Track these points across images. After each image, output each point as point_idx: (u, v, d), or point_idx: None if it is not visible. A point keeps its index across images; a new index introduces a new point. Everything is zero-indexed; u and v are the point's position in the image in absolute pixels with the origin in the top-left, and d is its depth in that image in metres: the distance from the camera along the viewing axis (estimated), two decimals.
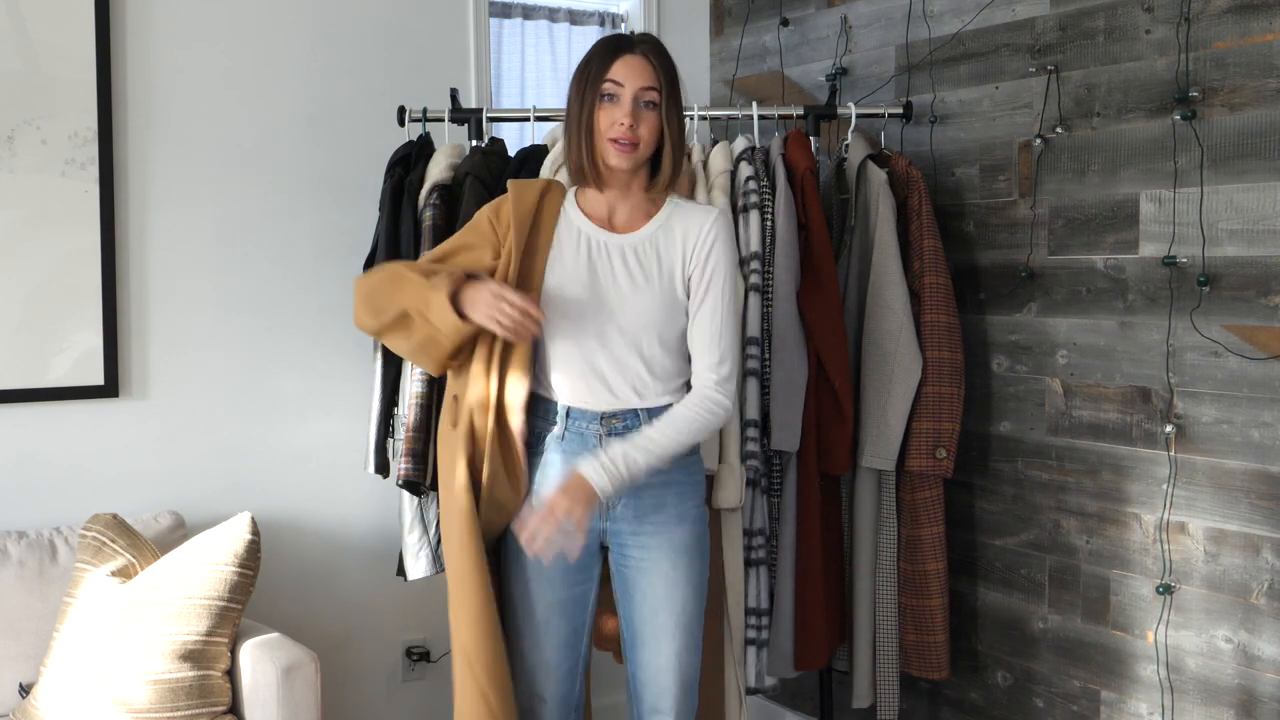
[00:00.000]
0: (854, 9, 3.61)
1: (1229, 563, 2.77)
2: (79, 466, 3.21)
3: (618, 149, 2.44)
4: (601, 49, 2.48)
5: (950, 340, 3.14)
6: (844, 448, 3.16)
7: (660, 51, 2.49)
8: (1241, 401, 2.73)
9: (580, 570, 2.58)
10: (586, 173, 2.50)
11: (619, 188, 2.53)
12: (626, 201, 2.55)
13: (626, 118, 2.42)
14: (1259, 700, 2.73)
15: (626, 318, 2.50)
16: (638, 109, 2.43)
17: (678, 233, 2.55)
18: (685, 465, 2.59)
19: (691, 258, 2.53)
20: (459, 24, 3.69)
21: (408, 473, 3.03)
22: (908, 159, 3.26)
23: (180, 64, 3.31)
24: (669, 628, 2.57)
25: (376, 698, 3.62)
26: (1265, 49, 2.66)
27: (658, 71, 2.45)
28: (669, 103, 2.46)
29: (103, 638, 2.76)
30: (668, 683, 2.59)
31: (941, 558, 3.18)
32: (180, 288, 3.32)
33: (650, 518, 2.55)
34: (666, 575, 2.57)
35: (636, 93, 2.43)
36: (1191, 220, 2.81)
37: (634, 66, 2.44)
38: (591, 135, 2.46)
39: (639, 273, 2.52)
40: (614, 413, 2.52)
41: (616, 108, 2.43)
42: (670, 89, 2.46)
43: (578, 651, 2.63)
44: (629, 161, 2.46)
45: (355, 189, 3.48)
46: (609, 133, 2.44)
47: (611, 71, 2.44)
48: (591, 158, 2.47)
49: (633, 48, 2.46)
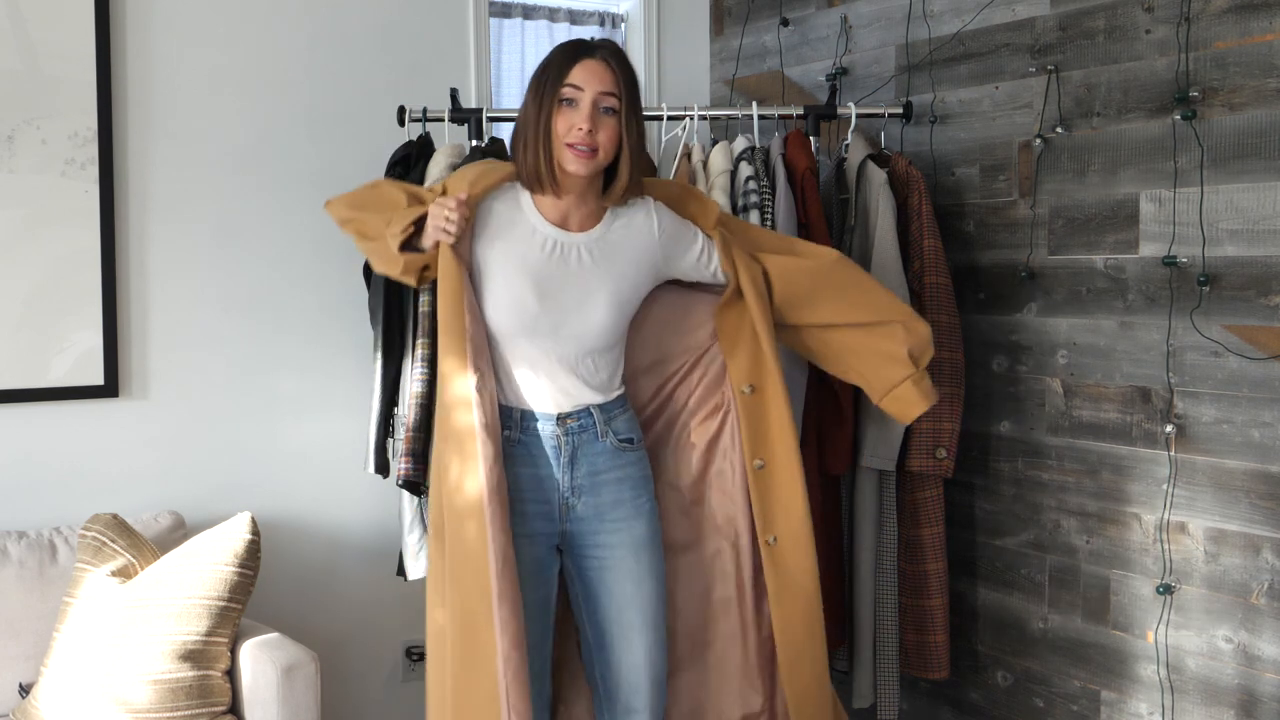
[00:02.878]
0: (854, 9, 3.61)
1: (1229, 563, 2.77)
2: (79, 466, 3.21)
3: (576, 155, 2.40)
4: (561, 53, 2.45)
5: (950, 340, 3.14)
6: (844, 448, 3.16)
7: (621, 58, 2.45)
8: (1241, 401, 2.73)
9: (538, 574, 2.53)
10: (544, 179, 2.45)
11: (575, 194, 2.49)
12: (581, 209, 2.52)
13: (585, 122, 2.38)
14: (1259, 700, 2.73)
15: (582, 317, 2.49)
16: (596, 114, 2.40)
17: (637, 222, 2.57)
18: (637, 459, 2.59)
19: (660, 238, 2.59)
20: (459, 24, 3.69)
21: (408, 473, 3.03)
22: (908, 159, 3.26)
23: (180, 64, 3.31)
24: (638, 624, 2.55)
25: (376, 698, 3.63)
26: (1265, 49, 2.66)
27: (618, 77, 2.42)
28: (628, 110, 2.43)
29: (103, 638, 2.76)
30: (640, 680, 2.56)
31: (942, 558, 3.18)
32: (180, 288, 3.32)
33: (609, 514, 2.54)
34: (632, 571, 2.55)
35: (596, 97, 2.40)
36: (1191, 220, 2.81)
37: (594, 71, 2.41)
38: (549, 140, 2.42)
39: (593, 270, 2.51)
40: (570, 412, 2.52)
41: (575, 112, 2.40)
42: (630, 96, 2.44)
43: (544, 654, 2.57)
44: (587, 168, 2.42)
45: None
46: (567, 137, 2.40)
47: (571, 75, 2.40)
48: (549, 163, 2.43)
49: (593, 52, 2.43)
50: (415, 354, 3.06)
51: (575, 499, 2.54)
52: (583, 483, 2.54)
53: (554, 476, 2.52)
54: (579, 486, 2.54)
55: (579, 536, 2.56)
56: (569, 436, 2.51)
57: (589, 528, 2.55)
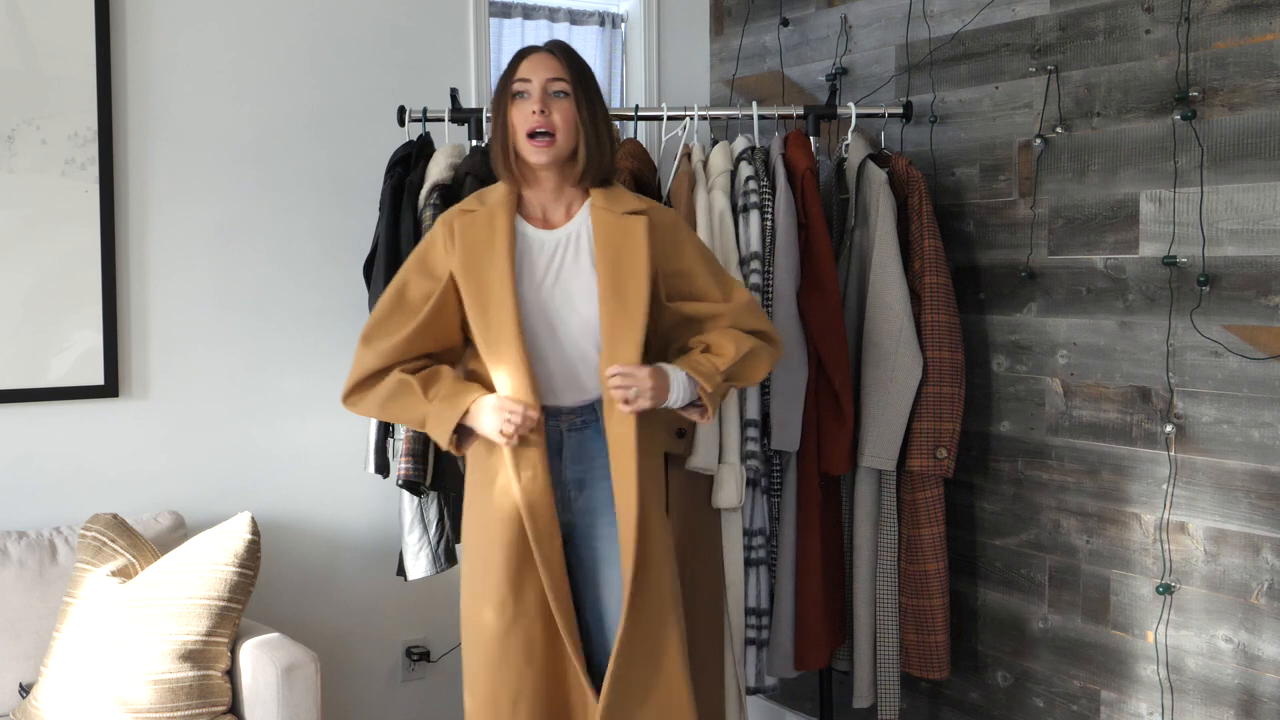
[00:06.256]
0: (854, 9, 3.62)
1: (1229, 563, 2.77)
2: (79, 466, 3.21)
3: (535, 145, 2.49)
4: (512, 59, 2.57)
5: (950, 340, 3.14)
6: (844, 447, 3.16)
7: (567, 50, 2.56)
8: (1241, 401, 2.73)
9: None
10: (515, 175, 2.54)
11: (548, 189, 2.56)
12: (559, 201, 2.58)
13: (536, 105, 2.48)
14: (1259, 700, 2.73)
15: (580, 312, 2.52)
16: (547, 98, 2.50)
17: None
18: None
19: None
20: (459, 24, 3.69)
21: (408, 473, 3.03)
22: (908, 159, 3.26)
23: (181, 64, 3.31)
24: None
25: (376, 698, 3.63)
26: (1265, 49, 2.66)
27: (564, 64, 2.52)
28: (579, 92, 2.51)
29: (103, 638, 2.76)
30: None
31: (942, 557, 3.18)
32: (180, 288, 3.32)
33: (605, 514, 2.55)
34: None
35: (544, 84, 2.50)
36: (1191, 220, 2.81)
37: (540, 62, 2.52)
38: (508, 134, 2.52)
39: (575, 264, 2.54)
40: (574, 408, 2.54)
41: (527, 102, 2.50)
42: (579, 80, 2.52)
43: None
44: (547, 155, 2.49)
45: (355, 189, 3.48)
46: (523, 126, 2.49)
47: (519, 71, 2.53)
48: (516, 158, 2.52)
49: (537, 49, 2.56)
50: None
51: (576, 493, 2.56)
52: (581, 477, 2.56)
53: (557, 469, 2.55)
54: (578, 480, 2.56)
55: (580, 529, 2.58)
56: (571, 433, 2.54)
57: (585, 520, 2.58)
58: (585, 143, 2.52)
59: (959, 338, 3.16)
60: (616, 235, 2.52)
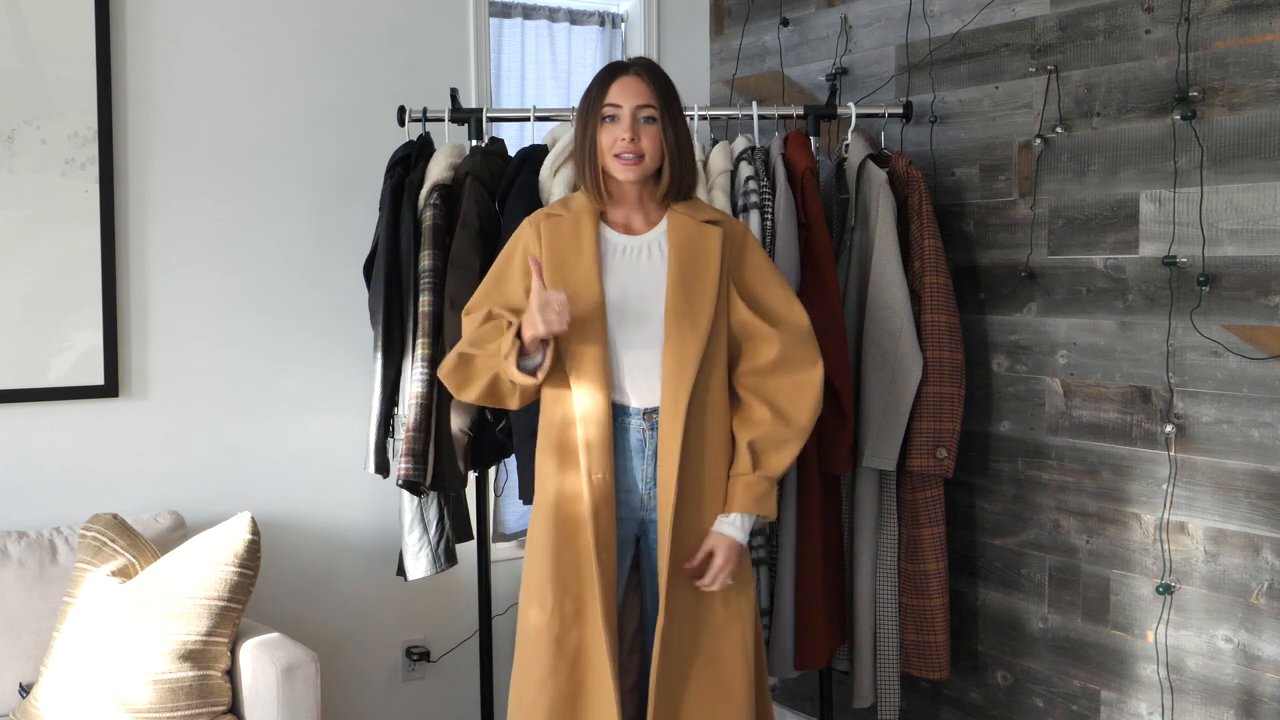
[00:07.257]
0: (854, 9, 3.62)
1: (1229, 562, 2.77)
2: (79, 466, 3.21)
3: (622, 163, 2.58)
4: (599, 76, 2.63)
5: (950, 340, 3.14)
6: (844, 448, 3.16)
7: (654, 70, 2.63)
8: (1241, 401, 2.73)
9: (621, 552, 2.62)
10: (602, 192, 2.63)
11: (631, 200, 2.65)
12: (640, 211, 2.67)
13: (626, 133, 2.56)
14: (1259, 700, 2.74)
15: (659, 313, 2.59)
16: (636, 124, 2.57)
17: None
18: None
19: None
20: (459, 24, 3.69)
21: (408, 473, 3.03)
22: (908, 159, 3.26)
23: (180, 64, 3.31)
24: None
25: (376, 698, 3.63)
26: (1265, 49, 2.66)
27: (652, 89, 2.59)
28: (665, 117, 2.58)
29: (103, 638, 2.76)
30: None
31: (942, 558, 3.18)
32: (180, 288, 3.32)
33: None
34: None
35: (634, 110, 2.57)
36: (1191, 220, 2.81)
37: (630, 87, 2.58)
38: (596, 155, 2.60)
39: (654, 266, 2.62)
40: (653, 407, 2.59)
41: (617, 126, 2.57)
42: (666, 104, 2.59)
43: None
44: (634, 173, 2.58)
45: (355, 189, 3.48)
46: (612, 149, 2.58)
47: (609, 95, 2.58)
48: (603, 176, 2.61)
49: (627, 70, 2.61)
50: (415, 354, 3.06)
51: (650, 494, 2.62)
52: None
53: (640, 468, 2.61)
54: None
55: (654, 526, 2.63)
56: (653, 431, 2.59)
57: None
58: (670, 164, 2.61)
59: (959, 338, 3.16)
60: (693, 238, 2.62)
